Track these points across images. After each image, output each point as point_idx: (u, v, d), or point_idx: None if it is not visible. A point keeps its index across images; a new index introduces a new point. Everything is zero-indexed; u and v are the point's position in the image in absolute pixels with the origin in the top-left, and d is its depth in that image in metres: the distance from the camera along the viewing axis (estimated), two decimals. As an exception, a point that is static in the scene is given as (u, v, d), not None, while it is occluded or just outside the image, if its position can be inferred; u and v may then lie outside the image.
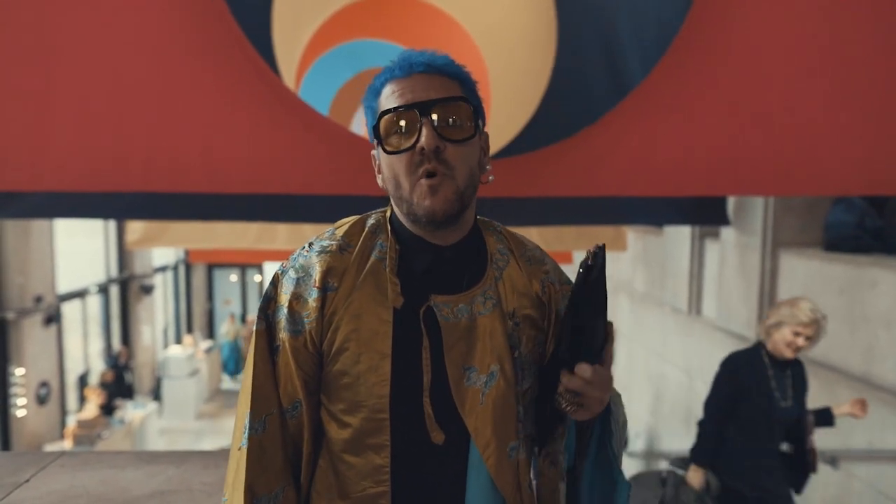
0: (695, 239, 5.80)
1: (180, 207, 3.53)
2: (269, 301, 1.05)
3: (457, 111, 0.98)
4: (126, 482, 2.16)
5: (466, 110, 0.99)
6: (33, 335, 7.88)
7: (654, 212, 4.08)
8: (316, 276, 1.02)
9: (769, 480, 2.93)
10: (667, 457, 4.30)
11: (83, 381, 9.65)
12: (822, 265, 4.23)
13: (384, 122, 0.99)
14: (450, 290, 1.03)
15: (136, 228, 5.43)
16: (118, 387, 9.58)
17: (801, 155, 2.54)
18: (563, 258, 6.55)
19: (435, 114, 0.97)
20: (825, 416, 3.00)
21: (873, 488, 3.44)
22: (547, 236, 4.93)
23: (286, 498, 1.02)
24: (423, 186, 0.97)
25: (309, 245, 1.06)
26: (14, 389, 7.60)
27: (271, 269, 14.62)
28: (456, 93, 1.00)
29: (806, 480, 2.98)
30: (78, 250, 9.66)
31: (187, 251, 11.01)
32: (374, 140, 1.02)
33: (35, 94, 2.34)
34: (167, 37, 2.38)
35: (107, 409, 8.70)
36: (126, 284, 11.10)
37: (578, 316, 0.95)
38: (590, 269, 0.92)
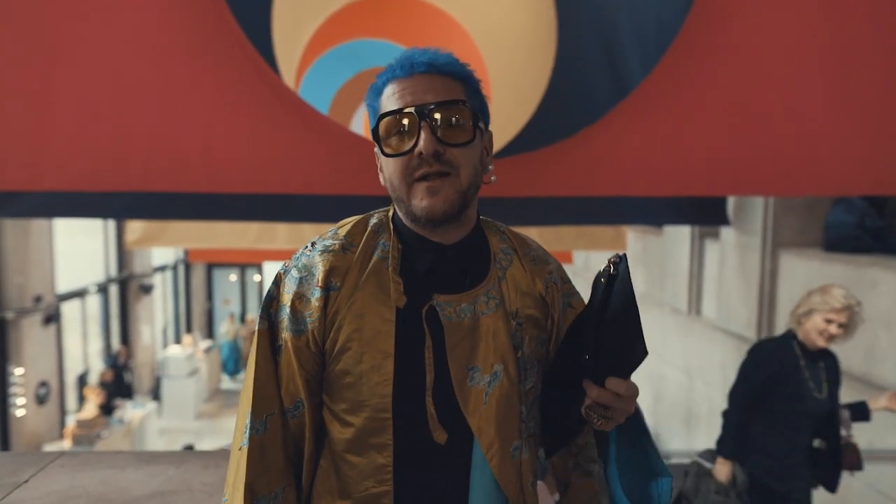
0: (694, 239, 5.81)
1: (180, 207, 3.53)
2: (272, 300, 1.05)
3: (457, 114, 0.98)
4: (126, 482, 2.16)
5: (466, 113, 0.99)
6: (32, 335, 7.89)
7: (654, 212, 4.08)
8: (319, 276, 1.01)
9: (799, 476, 2.81)
10: (667, 457, 4.29)
11: (82, 381, 9.65)
12: (822, 265, 4.23)
13: (383, 125, 0.99)
14: (452, 290, 1.03)
15: (136, 228, 5.44)
16: (117, 386, 9.59)
17: (801, 155, 2.54)
18: (564, 258, 6.56)
19: (434, 117, 0.96)
20: (861, 411, 2.87)
21: (873, 488, 3.44)
22: (547, 236, 4.93)
23: (286, 498, 1.02)
24: (422, 187, 0.97)
25: (312, 245, 1.06)
26: (13, 389, 7.60)
27: (271, 269, 14.66)
28: (458, 93, 0.99)
29: (839, 478, 2.82)
30: (77, 250, 9.66)
31: (187, 251, 10.99)
32: (375, 141, 1.02)
33: (35, 94, 2.34)
34: (167, 37, 2.39)
35: (106, 409, 8.70)
36: (125, 284, 11.10)
37: (605, 328, 0.90)
38: (612, 279, 0.89)
